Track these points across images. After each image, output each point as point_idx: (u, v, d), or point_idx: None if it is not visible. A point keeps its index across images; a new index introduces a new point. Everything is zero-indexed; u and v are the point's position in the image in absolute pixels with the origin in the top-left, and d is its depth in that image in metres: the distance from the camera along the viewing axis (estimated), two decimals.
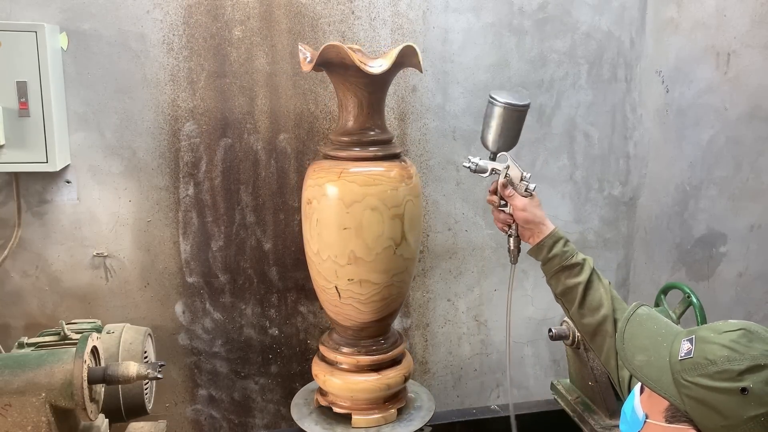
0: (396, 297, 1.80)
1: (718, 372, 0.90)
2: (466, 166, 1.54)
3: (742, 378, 0.88)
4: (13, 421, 1.34)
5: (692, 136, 2.42)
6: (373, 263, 1.69)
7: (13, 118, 1.86)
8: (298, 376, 2.36)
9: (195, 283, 2.23)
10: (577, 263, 1.41)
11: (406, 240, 1.73)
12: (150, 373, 1.45)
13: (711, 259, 2.50)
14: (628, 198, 2.57)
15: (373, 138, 1.74)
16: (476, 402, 2.56)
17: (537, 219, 1.46)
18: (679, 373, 0.93)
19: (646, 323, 1.06)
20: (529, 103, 1.53)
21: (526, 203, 1.47)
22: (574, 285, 1.40)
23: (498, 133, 1.52)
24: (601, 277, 1.41)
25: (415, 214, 1.76)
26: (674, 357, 0.95)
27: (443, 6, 2.23)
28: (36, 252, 2.10)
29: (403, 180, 1.71)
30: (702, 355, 0.92)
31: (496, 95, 1.51)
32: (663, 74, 2.44)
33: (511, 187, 1.49)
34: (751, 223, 2.44)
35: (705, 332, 0.96)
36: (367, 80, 1.65)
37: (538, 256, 1.47)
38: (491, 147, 1.54)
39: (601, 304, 1.36)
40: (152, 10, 2.04)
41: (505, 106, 1.49)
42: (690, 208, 2.47)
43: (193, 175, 2.17)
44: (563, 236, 1.46)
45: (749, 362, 0.89)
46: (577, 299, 1.39)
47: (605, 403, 1.92)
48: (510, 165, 1.50)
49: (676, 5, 2.37)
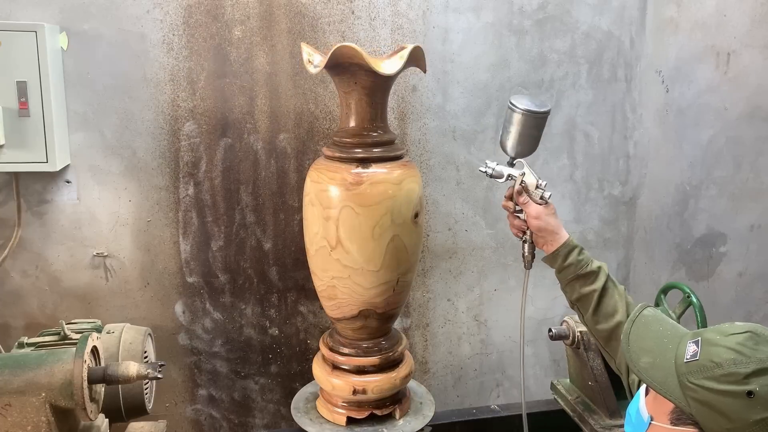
0: None
1: (724, 375, 0.89)
2: (482, 171, 1.54)
3: (749, 381, 0.88)
4: (13, 421, 1.34)
5: (692, 136, 2.42)
6: None
7: (13, 118, 1.86)
8: (298, 376, 2.36)
9: (195, 283, 2.23)
10: (592, 272, 1.42)
11: None
12: (150, 373, 1.45)
13: (711, 259, 2.50)
14: (628, 198, 2.57)
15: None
16: (476, 402, 2.56)
17: (551, 227, 1.47)
18: (684, 375, 0.93)
19: (652, 325, 1.06)
20: (549, 110, 1.53)
21: (540, 211, 1.48)
22: (589, 293, 1.41)
23: (517, 140, 1.52)
24: (616, 284, 1.43)
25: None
26: (680, 359, 0.95)
27: (443, 6, 2.23)
28: (36, 252, 2.10)
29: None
30: (708, 357, 0.92)
31: (516, 101, 1.50)
32: (663, 74, 2.44)
33: (526, 194, 1.50)
34: (751, 223, 2.44)
35: (711, 334, 0.96)
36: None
37: (553, 264, 1.49)
38: (510, 153, 1.54)
39: (616, 310, 1.38)
40: (152, 10, 2.04)
41: (524, 113, 1.49)
42: (690, 208, 2.47)
43: (193, 175, 2.17)
44: (577, 245, 1.47)
45: (755, 365, 0.89)
46: (592, 306, 1.40)
47: (605, 403, 1.92)
48: (526, 172, 1.51)
49: (676, 5, 2.37)
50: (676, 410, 0.93)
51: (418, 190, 1.74)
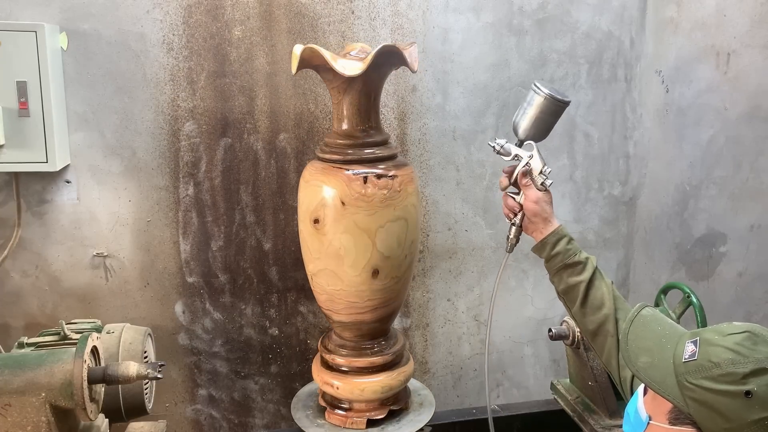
0: None
1: (722, 375, 0.89)
2: (491, 145, 1.51)
3: (747, 381, 0.88)
4: (13, 421, 1.34)
5: (692, 136, 2.42)
6: None
7: (13, 118, 1.86)
8: (298, 376, 2.36)
9: (195, 283, 2.23)
10: (579, 261, 1.41)
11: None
12: (150, 373, 1.45)
13: (711, 259, 2.50)
14: (628, 198, 2.57)
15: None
16: (476, 402, 2.56)
17: (545, 214, 1.45)
18: (682, 375, 0.93)
19: (650, 324, 1.05)
20: (570, 101, 1.52)
21: (540, 197, 1.45)
22: (576, 283, 1.39)
23: (531, 123, 1.50)
24: (603, 276, 1.41)
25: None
26: (678, 359, 0.95)
27: (443, 6, 2.23)
28: (36, 252, 2.10)
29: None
30: (706, 357, 0.92)
31: (541, 85, 1.49)
32: (663, 74, 2.44)
33: (529, 178, 1.47)
34: (750, 222, 2.44)
35: (709, 334, 0.96)
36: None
37: (541, 253, 1.47)
38: (521, 134, 1.52)
39: (603, 303, 1.36)
40: (152, 10, 2.04)
41: (546, 97, 1.48)
42: (690, 207, 2.47)
43: (193, 175, 2.17)
44: (567, 234, 1.45)
45: (753, 365, 0.88)
46: (579, 298, 1.39)
47: (605, 403, 1.93)
48: (534, 155, 1.48)
49: (676, 5, 2.37)
50: (675, 410, 0.93)
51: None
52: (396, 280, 1.74)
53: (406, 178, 1.70)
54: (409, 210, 1.71)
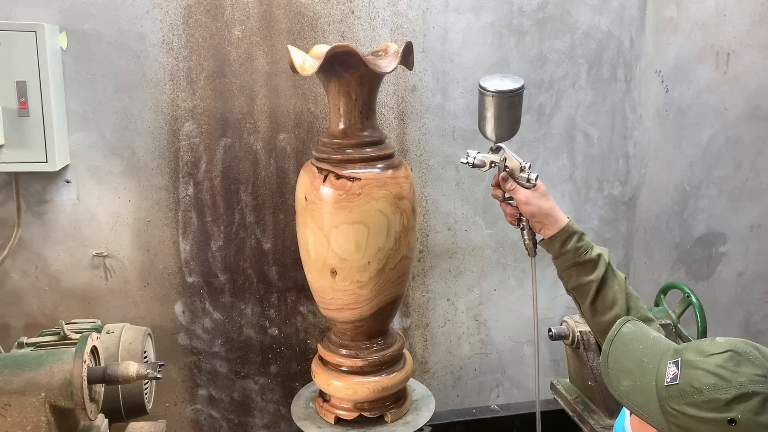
0: None
1: (704, 401, 0.87)
2: (464, 162, 1.45)
3: (730, 408, 0.86)
4: (13, 421, 1.34)
5: (692, 136, 2.42)
6: None
7: (13, 118, 1.86)
8: (298, 376, 2.36)
9: (195, 283, 2.23)
10: (591, 260, 1.34)
11: None
12: (150, 373, 1.45)
13: (711, 259, 2.50)
14: (628, 198, 2.57)
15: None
16: (476, 402, 2.56)
17: (544, 210, 1.38)
18: (665, 400, 0.91)
19: (631, 344, 1.01)
20: (523, 85, 1.41)
21: (529, 195, 1.39)
22: (587, 283, 1.34)
23: (495, 123, 1.42)
24: (616, 274, 1.35)
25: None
26: (660, 382, 0.93)
27: (443, 6, 2.23)
28: (36, 252, 2.10)
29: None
30: (688, 381, 0.90)
31: (486, 84, 1.40)
32: (663, 74, 2.44)
33: (512, 180, 1.42)
34: (750, 222, 2.44)
35: (691, 355, 0.93)
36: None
37: (550, 250, 1.40)
38: (491, 138, 1.45)
39: (615, 302, 1.31)
40: (152, 10, 2.04)
41: (494, 95, 1.39)
42: (690, 207, 2.47)
43: (192, 175, 2.16)
44: (577, 230, 1.37)
45: (736, 390, 0.87)
46: (590, 296, 1.33)
47: (605, 403, 1.93)
48: (507, 157, 1.42)
49: (675, 5, 2.37)
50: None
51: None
52: (360, 285, 1.69)
53: (373, 183, 1.64)
54: (371, 216, 1.63)
